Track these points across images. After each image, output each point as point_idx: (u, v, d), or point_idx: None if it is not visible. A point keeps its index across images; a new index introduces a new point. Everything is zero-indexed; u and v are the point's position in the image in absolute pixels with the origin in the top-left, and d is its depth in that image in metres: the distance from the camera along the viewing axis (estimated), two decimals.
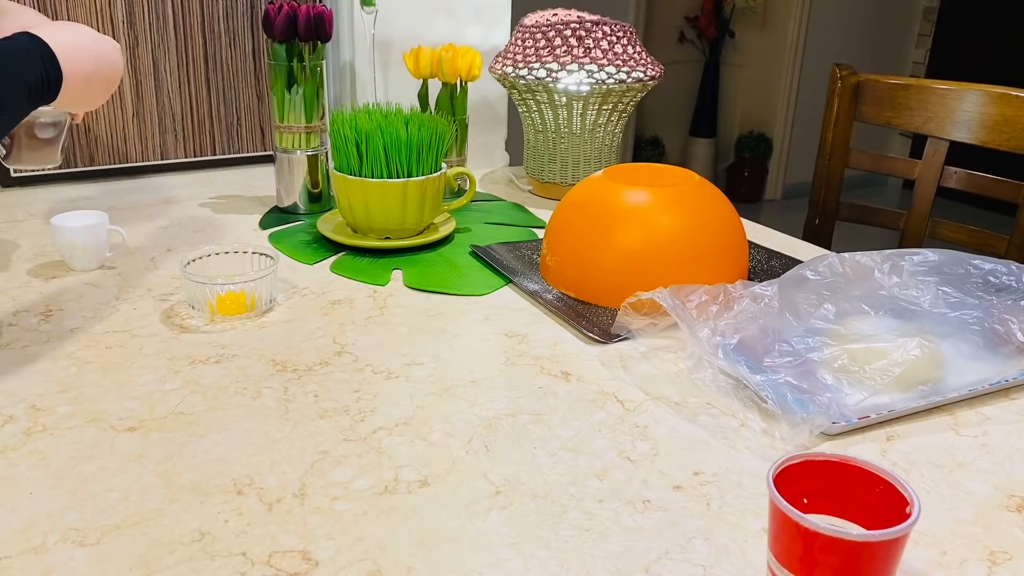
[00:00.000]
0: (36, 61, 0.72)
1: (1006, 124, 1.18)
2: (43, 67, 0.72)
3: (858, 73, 1.33)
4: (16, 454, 0.63)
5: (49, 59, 0.73)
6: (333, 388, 0.74)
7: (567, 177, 1.30)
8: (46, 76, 0.72)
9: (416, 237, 1.07)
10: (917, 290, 0.79)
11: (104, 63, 0.79)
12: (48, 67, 0.72)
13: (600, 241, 0.91)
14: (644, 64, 1.25)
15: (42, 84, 0.72)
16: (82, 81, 0.77)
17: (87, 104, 0.82)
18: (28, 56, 0.72)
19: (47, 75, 0.72)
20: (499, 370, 0.78)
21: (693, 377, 0.75)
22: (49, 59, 0.73)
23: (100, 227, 0.97)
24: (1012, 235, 1.18)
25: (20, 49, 0.72)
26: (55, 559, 0.53)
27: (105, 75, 0.80)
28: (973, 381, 0.74)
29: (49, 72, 0.72)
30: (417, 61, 1.27)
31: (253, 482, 0.60)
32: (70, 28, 0.79)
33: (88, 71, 0.77)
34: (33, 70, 0.71)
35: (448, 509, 0.58)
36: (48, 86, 0.73)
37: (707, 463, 0.64)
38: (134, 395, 0.71)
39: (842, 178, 1.37)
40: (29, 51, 0.72)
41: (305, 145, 1.18)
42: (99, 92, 0.81)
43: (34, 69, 0.71)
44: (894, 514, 0.48)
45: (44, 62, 0.72)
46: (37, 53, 0.72)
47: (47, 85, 0.73)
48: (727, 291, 0.80)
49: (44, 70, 0.72)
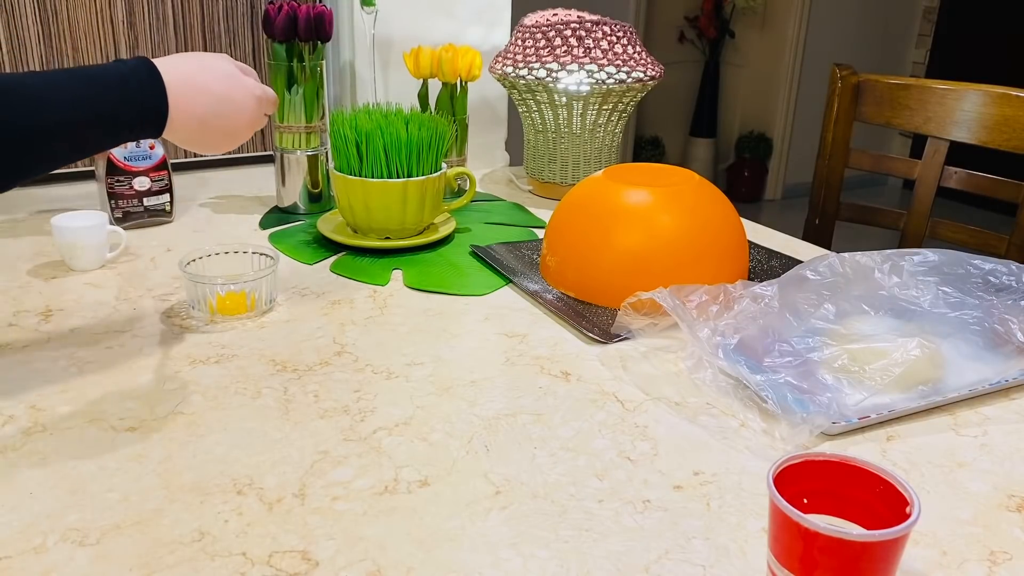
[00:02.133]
0: (132, 92, 0.64)
1: (1006, 124, 1.18)
2: (141, 100, 0.65)
3: (858, 73, 1.33)
4: (16, 454, 0.63)
5: (154, 92, 0.65)
6: (333, 388, 0.74)
7: (567, 177, 1.30)
8: (142, 111, 0.65)
9: (416, 237, 1.07)
10: (917, 290, 0.79)
11: (227, 109, 0.71)
12: (148, 100, 0.65)
13: (600, 241, 0.91)
14: (644, 64, 1.25)
15: (136, 119, 0.65)
16: (195, 123, 0.69)
17: (201, 148, 0.73)
18: (122, 84, 0.64)
19: (144, 111, 0.65)
20: (499, 370, 0.78)
21: (693, 377, 0.75)
22: (154, 92, 0.65)
23: (100, 227, 0.97)
24: (1012, 235, 1.18)
25: (115, 75, 0.64)
26: (55, 559, 0.53)
27: (225, 123, 0.71)
28: (973, 381, 0.74)
29: (147, 106, 0.65)
30: (417, 61, 1.27)
31: (253, 482, 0.60)
32: (200, 62, 0.71)
33: (203, 113, 0.69)
34: (122, 101, 0.64)
35: (448, 509, 0.58)
36: (144, 122, 0.65)
37: (707, 463, 0.64)
38: (134, 395, 0.71)
39: (842, 178, 1.37)
40: (126, 79, 0.65)
41: (305, 145, 1.18)
42: (216, 139, 0.72)
43: (125, 100, 0.64)
44: (894, 514, 0.48)
45: (145, 95, 0.65)
46: (139, 84, 0.65)
47: (143, 120, 0.65)
48: (727, 291, 0.80)
49: (142, 104, 0.65)
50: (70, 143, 0.63)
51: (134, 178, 1.08)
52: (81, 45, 1.27)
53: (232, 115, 0.72)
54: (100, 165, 1.07)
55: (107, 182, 1.07)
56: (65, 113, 0.61)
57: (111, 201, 1.07)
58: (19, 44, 1.23)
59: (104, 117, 0.63)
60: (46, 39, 1.25)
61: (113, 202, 1.08)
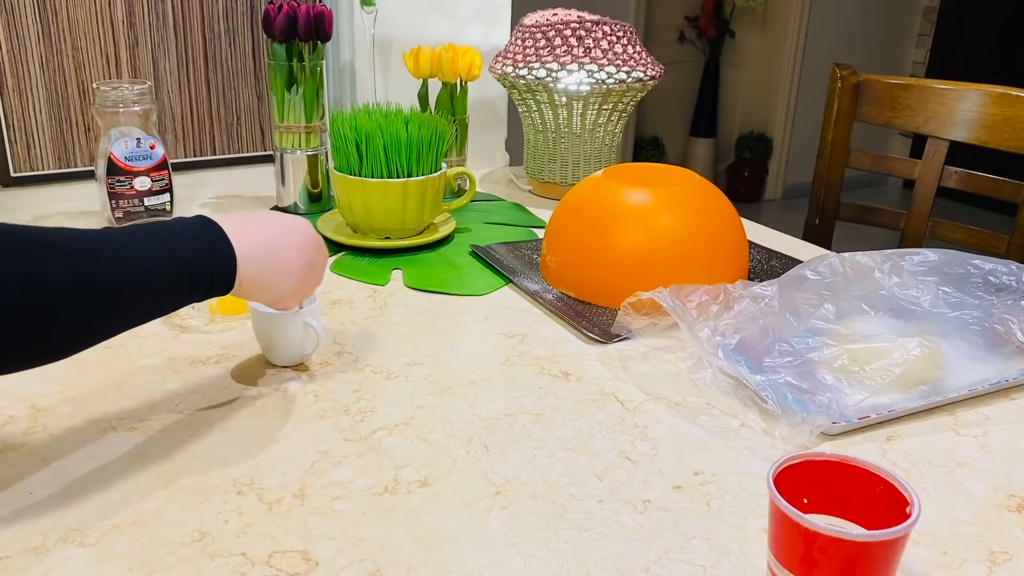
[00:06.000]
0: (197, 250, 0.61)
1: (1006, 124, 1.18)
2: (208, 257, 0.61)
3: (858, 73, 1.33)
4: (16, 454, 0.63)
5: (220, 248, 0.62)
6: (333, 388, 0.74)
7: (567, 177, 1.30)
8: (213, 270, 0.61)
9: (416, 237, 1.07)
10: (917, 290, 0.79)
11: (279, 264, 0.67)
12: (215, 258, 0.61)
13: (600, 241, 0.91)
14: (644, 64, 1.25)
15: (201, 275, 0.60)
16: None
17: (261, 298, 0.69)
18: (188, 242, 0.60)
19: (215, 269, 0.61)
20: (499, 370, 0.78)
21: (693, 377, 0.75)
22: (220, 248, 0.62)
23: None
24: (1012, 235, 1.18)
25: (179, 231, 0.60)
26: (55, 559, 0.53)
27: (279, 274, 0.67)
28: (973, 381, 0.74)
29: (219, 263, 0.61)
30: (417, 61, 1.27)
31: (253, 482, 0.60)
32: (254, 218, 0.68)
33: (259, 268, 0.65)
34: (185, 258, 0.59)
35: (448, 509, 0.58)
36: (214, 279, 0.61)
37: (707, 463, 0.64)
38: (134, 395, 0.71)
39: (842, 178, 1.37)
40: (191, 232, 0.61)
41: (305, 145, 1.18)
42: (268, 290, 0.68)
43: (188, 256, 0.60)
44: (894, 514, 0.48)
45: (212, 250, 0.61)
46: (203, 239, 0.61)
47: (212, 278, 0.61)
48: (727, 291, 0.80)
49: (207, 260, 0.61)
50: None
51: (134, 178, 1.08)
52: (81, 45, 1.27)
53: (282, 267, 0.68)
54: (100, 165, 1.07)
55: (107, 182, 1.07)
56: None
57: (111, 201, 1.07)
58: (19, 44, 1.23)
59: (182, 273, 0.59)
60: (46, 39, 1.25)
61: (113, 202, 1.08)
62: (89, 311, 0.54)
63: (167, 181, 1.11)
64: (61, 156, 1.30)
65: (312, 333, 0.76)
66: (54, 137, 1.29)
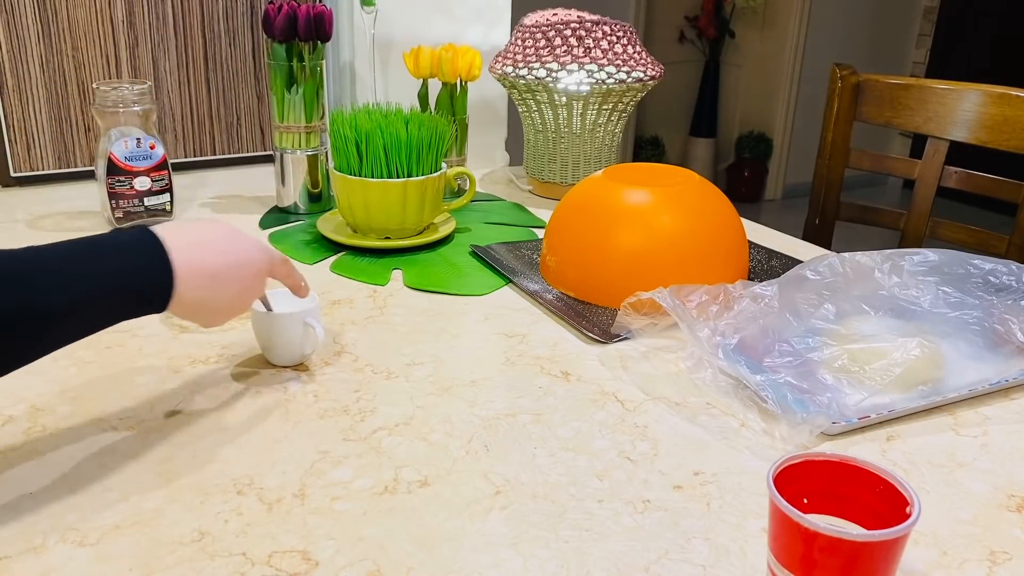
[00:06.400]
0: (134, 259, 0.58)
1: (1006, 124, 1.18)
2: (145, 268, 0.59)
3: (858, 73, 1.33)
4: (16, 454, 0.63)
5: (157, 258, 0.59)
6: (333, 388, 0.74)
7: (567, 177, 1.30)
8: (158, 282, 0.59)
9: (416, 237, 1.07)
10: (917, 290, 0.79)
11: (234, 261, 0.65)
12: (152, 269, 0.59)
13: (600, 241, 0.91)
14: (644, 64, 1.25)
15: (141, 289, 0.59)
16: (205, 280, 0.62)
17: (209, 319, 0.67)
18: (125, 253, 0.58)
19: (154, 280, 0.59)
20: (499, 370, 0.78)
21: (693, 377, 0.75)
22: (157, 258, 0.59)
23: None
24: (1012, 235, 1.18)
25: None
26: (55, 559, 0.53)
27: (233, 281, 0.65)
28: (973, 381, 0.74)
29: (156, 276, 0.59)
30: (417, 61, 1.27)
31: (253, 482, 0.60)
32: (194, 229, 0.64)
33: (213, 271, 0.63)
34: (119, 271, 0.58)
35: (448, 509, 0.58)
36: (145, 304, 0.60)
37: (707, 463, 0.64)
38: (134, 395, 0.71)
39: (842, 178, 1.37)
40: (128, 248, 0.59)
41: (305, 145, 1.18)
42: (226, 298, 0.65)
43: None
44: (894, 514, 0.48)
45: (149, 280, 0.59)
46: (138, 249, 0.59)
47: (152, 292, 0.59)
48: (727, 291, 0.80)
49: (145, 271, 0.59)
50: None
51: (135, 178, 1.08)
52: (81, 45, 1.27)
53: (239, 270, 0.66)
54: (100, 165, 1.07)
55: (107, 182, 1.07)
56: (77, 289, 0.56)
57: (111, 201, 1.07)
58: (19, 44, 1.23)
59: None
60: (46, 39, 1.25)
61: (113, 202, 1.08)
62: (5, 340, 0.53)
63: (167, 181, 1.11)
64: (61, 156, 1.30)
65: (312, 333, 0.76)
66: (54, 137, 1.29)
